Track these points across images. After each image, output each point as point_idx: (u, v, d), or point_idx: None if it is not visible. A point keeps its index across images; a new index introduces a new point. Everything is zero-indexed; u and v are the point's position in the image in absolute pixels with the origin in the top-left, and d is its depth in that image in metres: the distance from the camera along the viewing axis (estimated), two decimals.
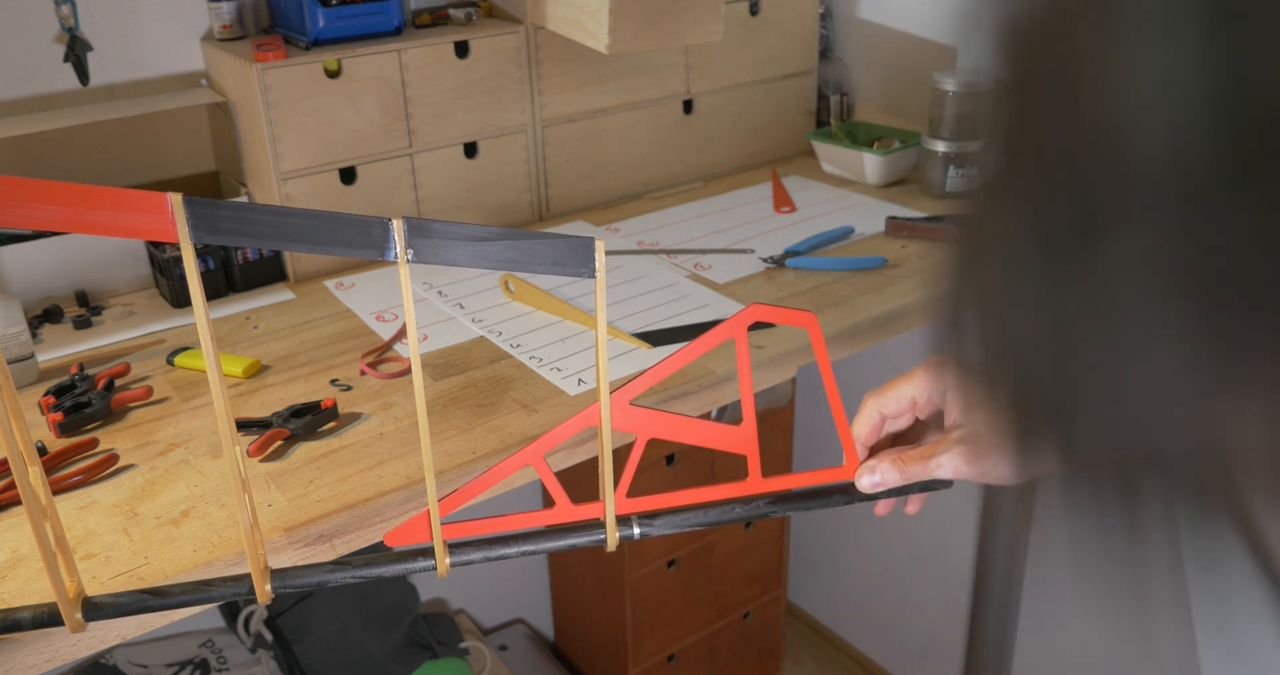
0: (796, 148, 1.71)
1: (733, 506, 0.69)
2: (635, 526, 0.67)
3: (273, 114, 1.23)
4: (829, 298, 1.20)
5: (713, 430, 0.69)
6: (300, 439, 0.96)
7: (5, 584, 0.77)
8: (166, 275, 1.25)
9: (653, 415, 0.67)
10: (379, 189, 1.33)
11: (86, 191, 0.51)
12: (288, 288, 1.30)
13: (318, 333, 1.18)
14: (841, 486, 0.72)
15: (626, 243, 1.39)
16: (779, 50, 1.63)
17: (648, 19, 1.28)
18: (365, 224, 0.56)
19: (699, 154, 1.61)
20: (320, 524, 0.84)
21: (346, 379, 1.07)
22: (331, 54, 1.25)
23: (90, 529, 0.83)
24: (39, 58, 1.27)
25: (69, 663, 0.78)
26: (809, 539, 2.12)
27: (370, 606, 1.62)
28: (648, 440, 0.68)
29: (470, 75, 1.35)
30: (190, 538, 0.82)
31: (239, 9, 1.34)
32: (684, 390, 1.01)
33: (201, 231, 0.53)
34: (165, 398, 1.04)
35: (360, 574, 0.64)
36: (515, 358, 1.10)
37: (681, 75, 1.55)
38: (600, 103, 1.48)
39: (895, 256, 1.30)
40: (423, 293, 1.26)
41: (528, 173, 1.45)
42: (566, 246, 0.58)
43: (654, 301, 1.21)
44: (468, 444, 0.94)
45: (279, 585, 0.64)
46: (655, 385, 1.01)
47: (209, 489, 0.89)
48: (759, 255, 1.33)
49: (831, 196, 1.53)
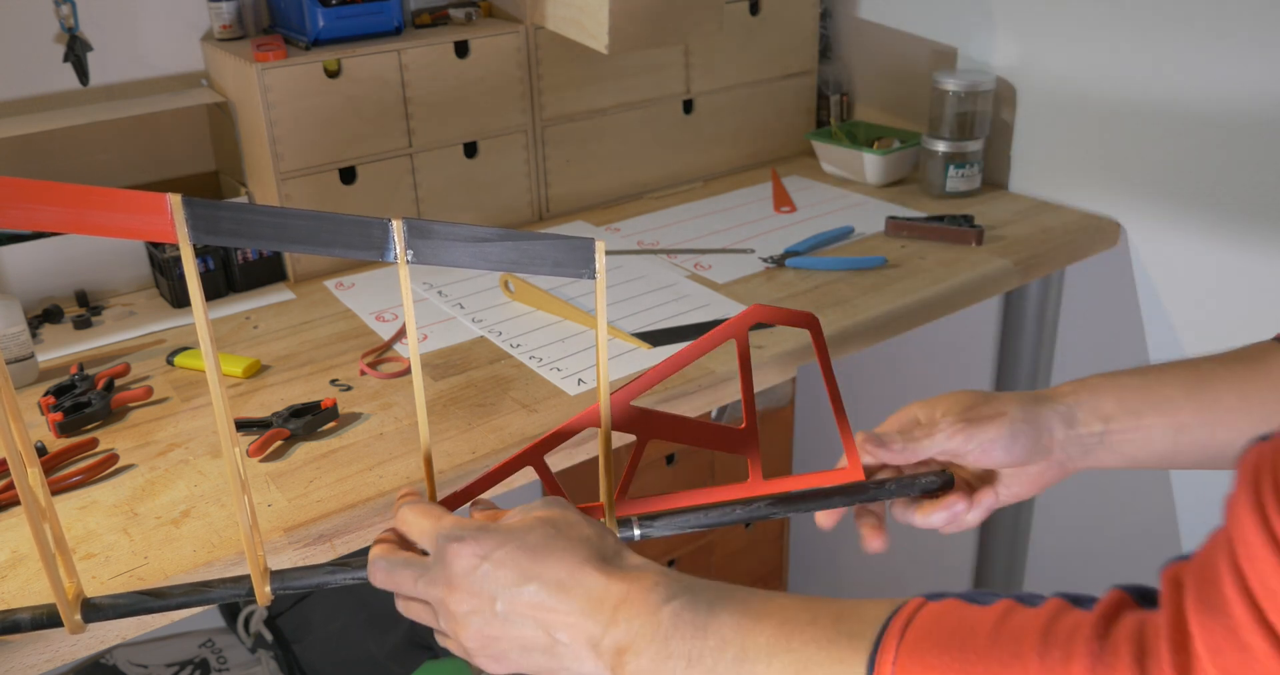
0: (796, 148, 1.71)
1: (733, 508, 0.69)
2: (636, 528, 0.67)
3: (273, 114, 1.23)
4: (829, 298, 1.20)
5: (713, 431, 0.69)
6: (300, 439, 0.95)
7: (5, 584, 0.77)
8: (166, 275, 1.25)
9: (653, 415, 0.67)
10: (379, 189, 1.33)
11: (86, 192, 0.51)
12: (288, 288, 1.30)
13: (318, 333, 1.17)
14: (842, 487, 0.72)
15: (626, 243, 1.39)
16: (779, 50, 1.63)
17: (648, 19, 1.28)
18: (365, 225, 0.56)
19: (699, 154, 1.61)
20: (320, 524, 0.84)
21: (346, 379, 1.07)
22: (331, 54, 1.25)
23: (90, 529, 0.83)
24: (39, 58, 1.26)
25: (69, 663, 0.78)
26: (809, 539, 2.12)
27: (370, 606, 1.62)
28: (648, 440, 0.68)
29: (470, 75, 1.35)
30: (190, 538, 0.82)
31: (239, 9, 1.34)
32: (684, 390, 1.01)
33: (201, 232, 0.53)
34: (165, 398, 1.04)
35: (360, 575, 0.64)
36: (515, 358, 1.09)
37: (681, 75, 1.55)
38: (600, 103, 1.48)
39: (895, 256, 1.30)
40: (423, 293, 1.26)
41: (528, 173, 1.45)
42: (567, 247, 0.58)
43: (654, 301, 1.21)
44: (468, 444, 0.94)
45: (278, 586, 0.64)
46: (655, 385, 1.01)
47: (209, 489, 0.88)
48: (759, 255, 1.32)
49: (831, 196, 1.53)
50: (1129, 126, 1.34)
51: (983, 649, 0.46)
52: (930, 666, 0.47)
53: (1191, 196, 1.30)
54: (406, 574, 0.59)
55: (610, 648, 0.54)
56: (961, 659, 0.46)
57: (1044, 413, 0.70)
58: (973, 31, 1.50)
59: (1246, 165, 1.24)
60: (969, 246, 1.32)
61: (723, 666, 0.52)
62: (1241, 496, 0.40)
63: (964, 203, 1.48)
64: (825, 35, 1.70)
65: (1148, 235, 1.37)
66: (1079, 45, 1.37)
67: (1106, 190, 1.40)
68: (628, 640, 0.54)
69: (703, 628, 0.53)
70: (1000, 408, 0.70)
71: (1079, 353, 1.50)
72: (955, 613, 0.49)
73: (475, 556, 0.56)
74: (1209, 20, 1.22)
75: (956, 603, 0.50)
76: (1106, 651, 0.42)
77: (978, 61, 1.50)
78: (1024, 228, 1.38)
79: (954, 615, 0.49)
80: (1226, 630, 0.39)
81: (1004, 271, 1.27)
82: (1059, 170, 1.45)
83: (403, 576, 0.59)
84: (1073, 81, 1.39)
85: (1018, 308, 1.48)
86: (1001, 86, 1.47)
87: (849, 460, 0.71)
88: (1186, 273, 1.34)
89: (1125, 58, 1.32)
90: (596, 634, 0.55)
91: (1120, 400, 0.70)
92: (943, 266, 1.26)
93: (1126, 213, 1.38)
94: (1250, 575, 0.39)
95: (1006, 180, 1.52)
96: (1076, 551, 1.61)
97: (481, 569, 0.56)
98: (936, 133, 1.47)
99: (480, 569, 0.56)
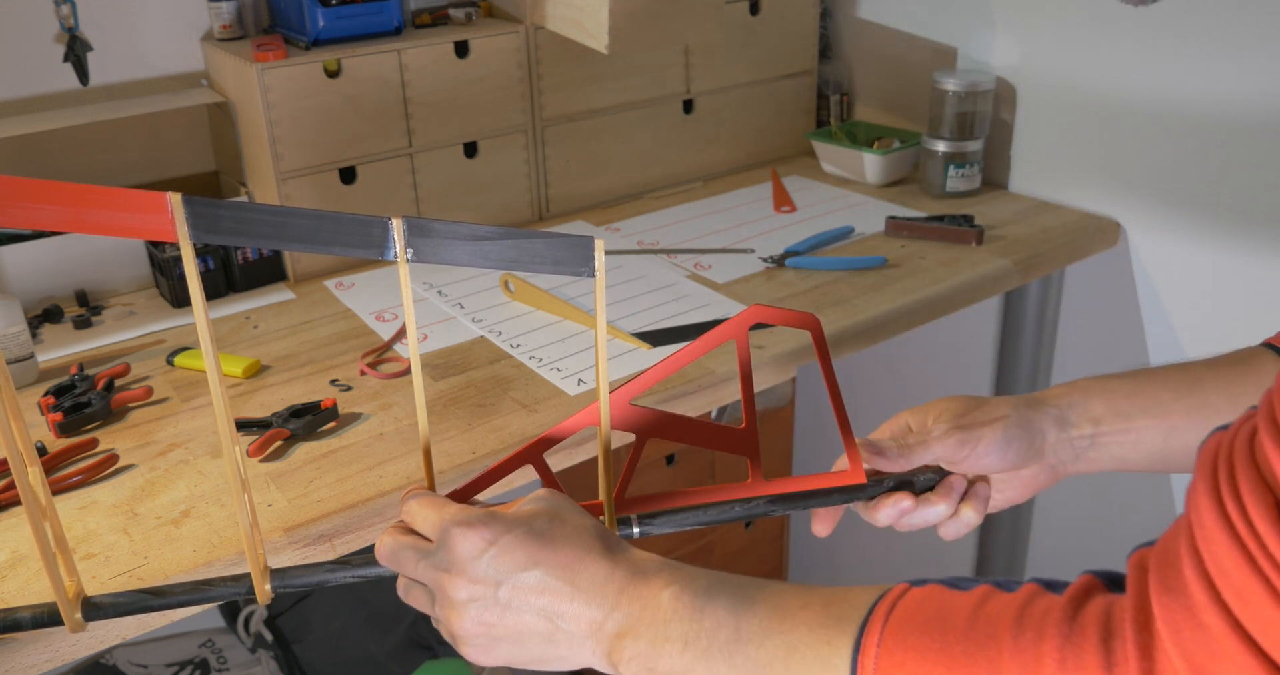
0: (796, 148, 1.71)
1: (732, 506, 0.69)
2: (635, 526, 0.67)
3: (273, 114, 1.23)
4: (829, 298, 1.20)
5: (713, 431, 0.69)
6: (300, 439, 0.95)
7: (5, 584, 0.77)
8: (166, 275, 1.25)
9: (652, 415, 0.67)
10: (379, 189, 1.33)
11: (86, 191, 0.51)
12: (288, 288, 1.30)
13: (318, 333, 1.17)
14: (841, 486, 0.72)
15: (626, 243, 1.39)
16: (779, 50, 1.63)
17: (648, 19, 1.28)
18: (365, 223, 0.56)
19: (699, 154, 1.61)
20: (320, 524, 0.84)
21: (346, 379, 1.07)
22: (331, 54, 1.25)
23: (90, 529, 0.83)
24: (39, 58, 1.27)
25: (69, 663, 0.78)
26: (809, 539, 2.12)
27: (370, 606, 1.62)
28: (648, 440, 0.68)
29: (470, 75, 1.35)
30: (190, 538, 0.82)
31: (239, 9, 1.34)
32: (684, 390, 1.01)
33: (201, 231, 0.53)
34: (165, 398, 1.04)
35: (360, 573, 0.64)
36: (515, 358, 1.09)
37: (681, 75, 1.55)
38: (600, 103, 1.48)
39: (895, 256, 1.30)
40: (423, 293, 1.26)
41: (528, 173, 1.45)
42: (566, 245, 0.58)
43: (654, 301, 1.21)
44: (468, 444, 0.94)
45: (279, 585, 0.64)
46: (655, 385, 1.01)
47: (209, 489, 0.88)
48: (759, 255, 1.32)
49: (831, 196, 1.53)
50: (1129, 126, 1.34)
51: (961, 630, 0.48)
52: (912, 647, 0.49)
53: (1192, 197, 1.30)
54: (409, 555, 0.60)
55: (610, 632, 0.56)
56: (941, 640, 0.48)
57: (1036, 416, 0.71)
58: (973, 31, 1.50)
59: (1247, 165, 1.24)
60: (969, 246, 1.32)
61: (716, 648, 0.54)
62: (1199, 483, 0.42)
63: (964, 203, 1.48)
64: (825, 35, 1.70)
65: (1148, 235, 1.37)
66: (1079, 45, 1.37)
67: (1106, 190, 1.40)
68: (628, 625, 0.56)
69: (699, 611, 0.55)
70: (992, 413, 0.71)
71: (1079, 353, 1.50)
72: (937, 597, 0.51)
73: (484, 541, 0.57)
74: (1209, 20, 1.22)
75: (938, 588, 0.52)
76: (1075, 632, 0.44)
77: (978, 61, 1.50)
78: (1024, 228, 1.38)
79: (936, 600, 0.51)
80: (1185, 610, 0.41)
81: (1004, 271, 1.27)
82: (1059, 170, 1.45)
83: (406, 556, 0.60)
84: (1073, 81, 1.39)
85: (1018, 308, 1.48)
86: (1001, 86, 1.47)
87: (850, 462, 0.71)
88: (1186, 273, 1.34)
89: (1125, 58, 1.32)
90: (599, 619, 0.56)
91: (1110, 403, 0.70)
92: (943, 266, 1.26)
93: (1126, 213, 1.38)
94: (1207, 557, 0.40)
95: (1006, 180, 1.52)
96: (1076, 552, 1.61)
97: (489, 553, 0.57)
98: (936, 133, 1.47)
99: (487, 553, 0.57)
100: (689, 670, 0.54)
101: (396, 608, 1.62)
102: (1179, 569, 0.41)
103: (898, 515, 0.71)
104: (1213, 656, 0.39)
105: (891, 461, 0.71)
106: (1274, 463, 0.38)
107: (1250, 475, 0.39)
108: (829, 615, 0.53)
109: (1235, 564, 0.39)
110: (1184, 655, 0.40)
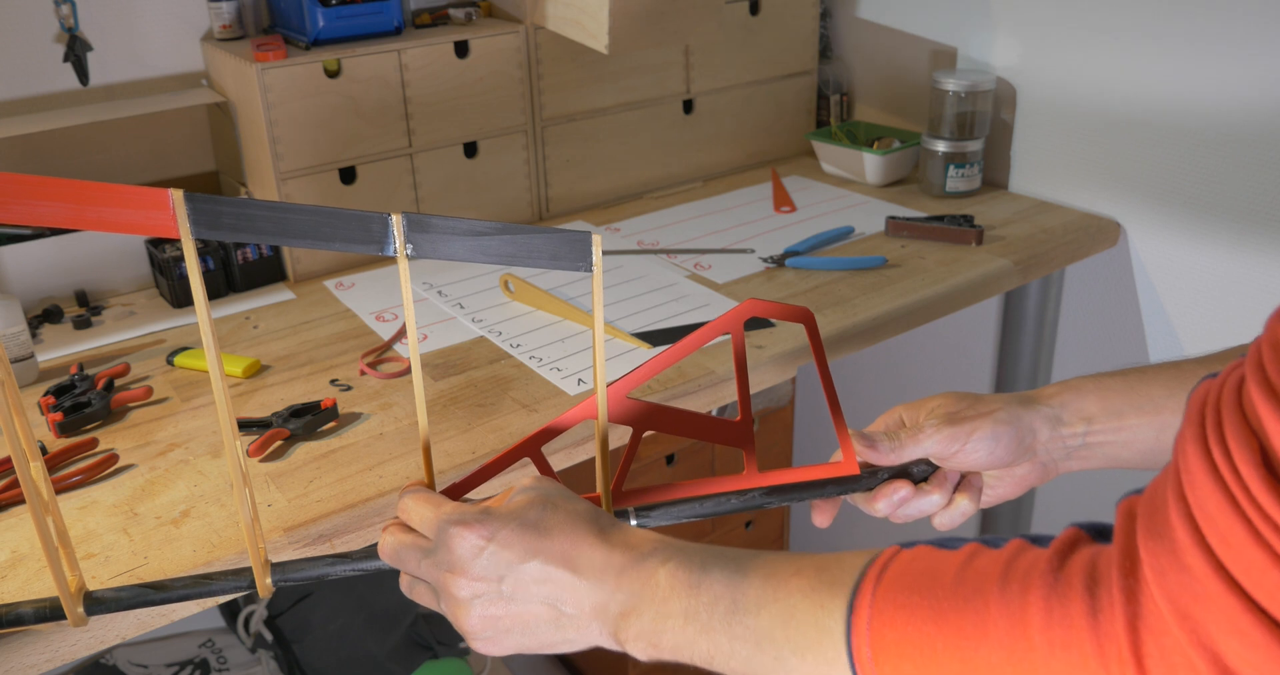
0: (796, 148, 1.71)
1: (728, 498, 0.69)
2: (632, 518, 0.67)
3: (273, 114, 1.23)
4: (829, 298, 1.20)
5: (709, 423, 0.69)
6: (300, 439, 0.95)
7: (5, 584, 0.77)
8: (166, 275, 1.25)
9: (648, 408, 0.67)
10: (379, 189, 1.34)
11: (87, 187, 0.51)
12: (288, 287, 1.30)
13: (318, 333, 1.18)
14: (836, 478, 0.72)
15: (626, 242, 1.40)
16: (779, 50, 1.63)
17: (648, 19, 1.29)
18: (365, 219, 0.56)
19: (699, 154, 1.61)
20: (320, 524, 0.84)
21: (346, 379, 1.07)
22: (331, 54, 1.25)
23: (90, 529, 0.83)
24: (39, 58, 1.27)
25: (69, 662, 0.78)
26: (809, 539, 2.12)
27: (370, 606, 1.62)
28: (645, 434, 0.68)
29: (470, 75, 1.36)
30: (190, 538, 0.82)
31: (239, 9, 1.34)
32: (684, 390, 1.01)
33: (202, 227, 0.53)
34: (165, 398, 1.04)
35: (361, 567, 0.64)
36: (515, 358, 1.10)
37: (681, 75, 1.55)
38: (600, 103, 1.48)
39: (895, 256, 1.30)
40: (423, 292, 1.26)
41: (527, 172, 1.45)
42: (564, 241, 0.58)
43: (654, 301, 1.21)
44: (468, 444, 0.94)
45: (279, 578, 0.64)
46: (655, 384, 1.01)
47: (209, 489, 0.88)
48: (759, 255, 1.33)
49: (831, 196, 1.53)
50: (1129, 127, 1.34)
51: (950, 587, 0.49)
52: (902, 606, 0.50)
53: (1192, 197, 1.30)
54: (412, 554, 0.61)
55: (615, 613, 0.57)
56: (931, 597, 0.49)
57: (1028, 414, 0.71)
58: (973, 31, 1.50)
59: (1247, 166, 1.24)
60: (969, 246, 1.32)
61: (716, 620, 0.55)
62: (1187, 431, 0.42)
63: (964, 203, 1.48)
64: (825, 35, 1.71)
65: (1148, 235, 1.37)
66: (1079, 45, 1.37)
67: (1106, 190, 1.40)
68: (630, 605, 0.57)
69: (696, 585, 0.56)
70: (984, 410, 0.71)
71: (1079, 353, 1.51)
72: (926, 557, 0.52)
73: (481, 538, 0.58)
74: (1209, 20, 1.22)
75: (927, 548, 0.53)
76: (1060, 582, 0.45)
77: (978, 61, 1.50)
78: (1024, 228, 1.38)
79: (925, 559, 0.52)
80: (1170, 553, 0.41)
81: (1004, 271, 1.27)
82: (1059, 170, 1.45)
83: (408, 556, 0.61)
84: (1073, 81, 1.39)
85: (1018, 308, 1.48)
86: (1001, 86, 1.47)
87: (844, 454, 0.72)
88: (1186, 273, 1.34)
89: (1126, 58, 1.32)
90: (603, 601, 0.57)
91: (1103, 401, 0.70)
92: (943, 266, 1.27)
93: (1126, 213, 1.39)
94: (1192, 502, 0.41)
95: (1006, 180, 1.52)
96: None
97: (488, 551, 0.58)
98: (936, 133, 1.47)
99: (486, 551, 0.58)
100: (692, 643, 0.55)
101: (396, 608, 1.62)
102: (1165, 514, 0.42)
103: (895, 505, 0.72)
104: (1196, 598, 0.40)
105: (882, 454, 0.71)
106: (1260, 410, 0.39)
107: (1236, 422, 0.40)
108: (822, 580, 0.54)
109: (1220, 508, 0.39)
110: (1168, 598, 0.41)
